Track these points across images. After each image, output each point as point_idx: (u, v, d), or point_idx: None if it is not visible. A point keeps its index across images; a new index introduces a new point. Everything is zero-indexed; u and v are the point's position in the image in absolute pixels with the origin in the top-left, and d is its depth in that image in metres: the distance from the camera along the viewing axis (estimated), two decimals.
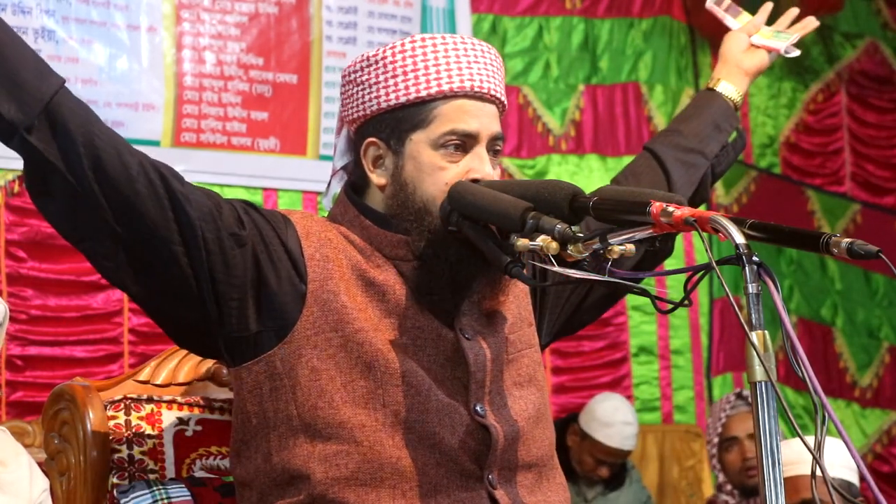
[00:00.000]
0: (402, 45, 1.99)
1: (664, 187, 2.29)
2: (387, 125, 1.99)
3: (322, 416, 1.89)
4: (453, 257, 1.93)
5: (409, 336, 1.94)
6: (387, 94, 1.98)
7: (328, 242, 1.97)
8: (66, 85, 1.84)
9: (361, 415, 1.88)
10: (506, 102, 2.04)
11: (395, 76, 1.97)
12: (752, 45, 2.46)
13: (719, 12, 2.53)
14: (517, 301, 2.10)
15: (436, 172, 1.95)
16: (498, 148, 2.00)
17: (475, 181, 1.93)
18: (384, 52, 2.00)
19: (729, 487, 4.59)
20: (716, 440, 4.67)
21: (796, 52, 2.45)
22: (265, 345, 1.93)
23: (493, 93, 1.99)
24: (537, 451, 2.01)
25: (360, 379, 1.90)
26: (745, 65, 2.44)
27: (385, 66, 1.98)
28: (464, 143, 1.96)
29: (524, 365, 2.05)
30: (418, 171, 1.97)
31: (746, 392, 4.83)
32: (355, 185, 2.07)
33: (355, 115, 2.02)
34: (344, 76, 2.05)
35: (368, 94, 2.00)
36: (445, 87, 1.96)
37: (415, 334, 1.95)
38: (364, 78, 2.00)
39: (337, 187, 2.12)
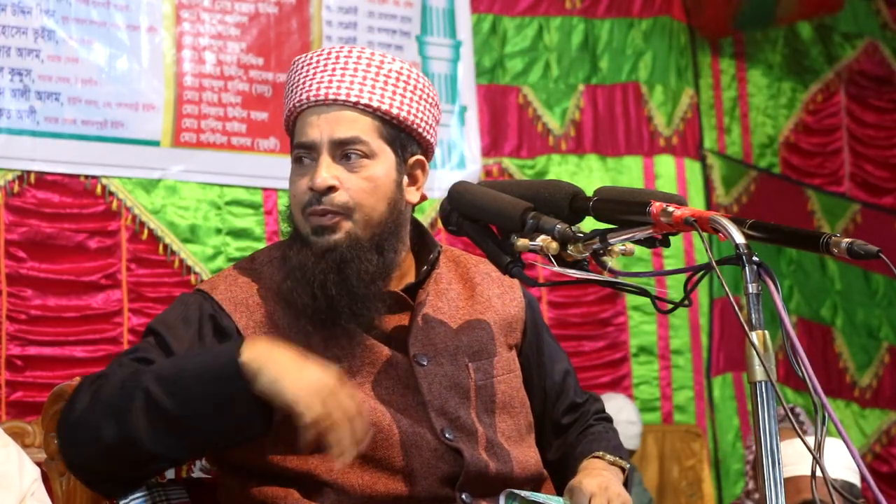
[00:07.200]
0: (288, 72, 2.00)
1: None
2: None
3: (291, 466, 1.88)
4: (321, 274, 1.87)
5: (364, 372, 1.91)
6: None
7: (258, 306, 1.93)
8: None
9: (329, 461, 1.84)
10: (381, 102, 1.91)
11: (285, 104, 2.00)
12: None
13: None
14: (498, 323, 2.04)
15: (291, 189, 1.95)
16: (355, 152, 1.90)
17: (312, 189, 1.89)
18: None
19: (756, 496, 4.60)
20: (755, 447, 4.67)
21: None
22: None
23: (340, 98, 1.90)
24: (519, 473, 1.96)
25: None
26: None
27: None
28: (308, 155, 1.92)
29: (499, 391, 1.99)
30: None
31: (799, 409, 4.84)
32: None
33: None
34: None
35: None
36: (291, 105, 1.95)
37: (368, 369, 1.91)
38: None
39: None
